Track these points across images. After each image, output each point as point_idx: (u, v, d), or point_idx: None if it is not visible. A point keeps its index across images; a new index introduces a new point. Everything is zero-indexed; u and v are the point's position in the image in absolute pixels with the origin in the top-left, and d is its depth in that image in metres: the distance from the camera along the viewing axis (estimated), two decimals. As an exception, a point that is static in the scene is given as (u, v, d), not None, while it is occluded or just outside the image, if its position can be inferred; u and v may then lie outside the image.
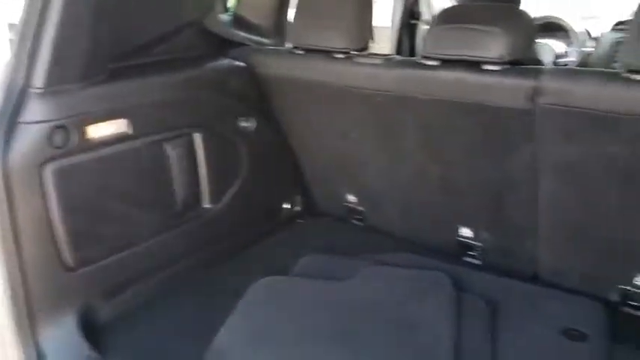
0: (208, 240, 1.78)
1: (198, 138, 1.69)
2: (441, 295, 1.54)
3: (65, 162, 1.35)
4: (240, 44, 1.98)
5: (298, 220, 2.15)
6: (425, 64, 1.51)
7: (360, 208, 2.05)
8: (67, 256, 1.40)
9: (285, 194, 2.11)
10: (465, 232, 1.77)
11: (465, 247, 1.79)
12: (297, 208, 2.15)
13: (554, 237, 1.58)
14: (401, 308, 1.51)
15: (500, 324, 1.45)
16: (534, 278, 1.67)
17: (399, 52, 2.88)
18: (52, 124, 1.32)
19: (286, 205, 2.11)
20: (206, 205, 1.77)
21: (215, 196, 1.78)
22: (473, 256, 1.79)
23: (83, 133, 1.38)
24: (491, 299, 1.53)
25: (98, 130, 1.41)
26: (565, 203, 1.48)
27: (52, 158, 1.33)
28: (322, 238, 1.99)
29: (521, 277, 1.65)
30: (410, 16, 2.90)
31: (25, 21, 1.31)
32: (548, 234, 1.58)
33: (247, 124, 1.84)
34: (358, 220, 2.07)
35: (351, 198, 2.06)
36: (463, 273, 1.66)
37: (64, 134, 1.34)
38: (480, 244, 1.75)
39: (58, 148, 1.33)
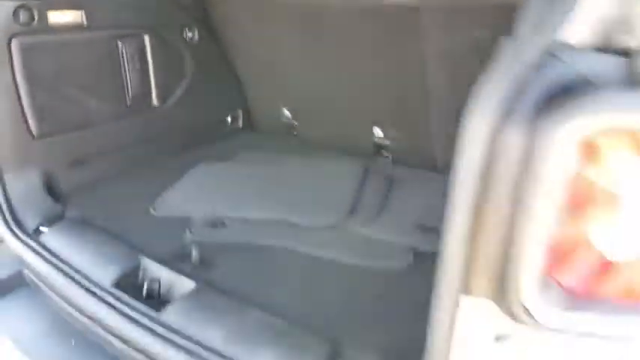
0: (157, 135, 2.04)
1: (147, 41, 1.95)
2: (351, 170, 1.87)
3: (30, 39, 1.60)
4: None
5: (239, 134, 2.42)
6: None
7: (295, 123, 2.35)
8: (33, 125, 1.65)
9: (226, 108, 2.38)
10: (377, 132, 2.08)
11: (378, 147, 2.10)
12: (239, 123, 2.43)
13: (442, 127, 1.89)
14: (317, 180, 1.83)
15: (395, 190, 1.78)
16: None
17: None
18: (17, 2, 1.56)
19: (228, 119, 2.39)
20: (155, 103, 2.03)
21: (162, 97, 2.04)
22: (385, 156, 2.10)
23: (45, 16, 1.62)
24: (393, 178, 1.86)
25: (58, 17, 1.65)
26: (447, 92, 1.78)
27: (19, 34, 1.57)
28: (260, 147, 2.28)
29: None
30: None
31: None
32: (438, 125, 1.89)
33: (191, 34, 2.10)
34: (293, 134, 2.36)
35: (287, 113, 2.35)
36: (375, 165, 1.99)
37: (29, 14, 1.58)
38: (389, 142, 2.07)
39: (23, 25, 1.57)
